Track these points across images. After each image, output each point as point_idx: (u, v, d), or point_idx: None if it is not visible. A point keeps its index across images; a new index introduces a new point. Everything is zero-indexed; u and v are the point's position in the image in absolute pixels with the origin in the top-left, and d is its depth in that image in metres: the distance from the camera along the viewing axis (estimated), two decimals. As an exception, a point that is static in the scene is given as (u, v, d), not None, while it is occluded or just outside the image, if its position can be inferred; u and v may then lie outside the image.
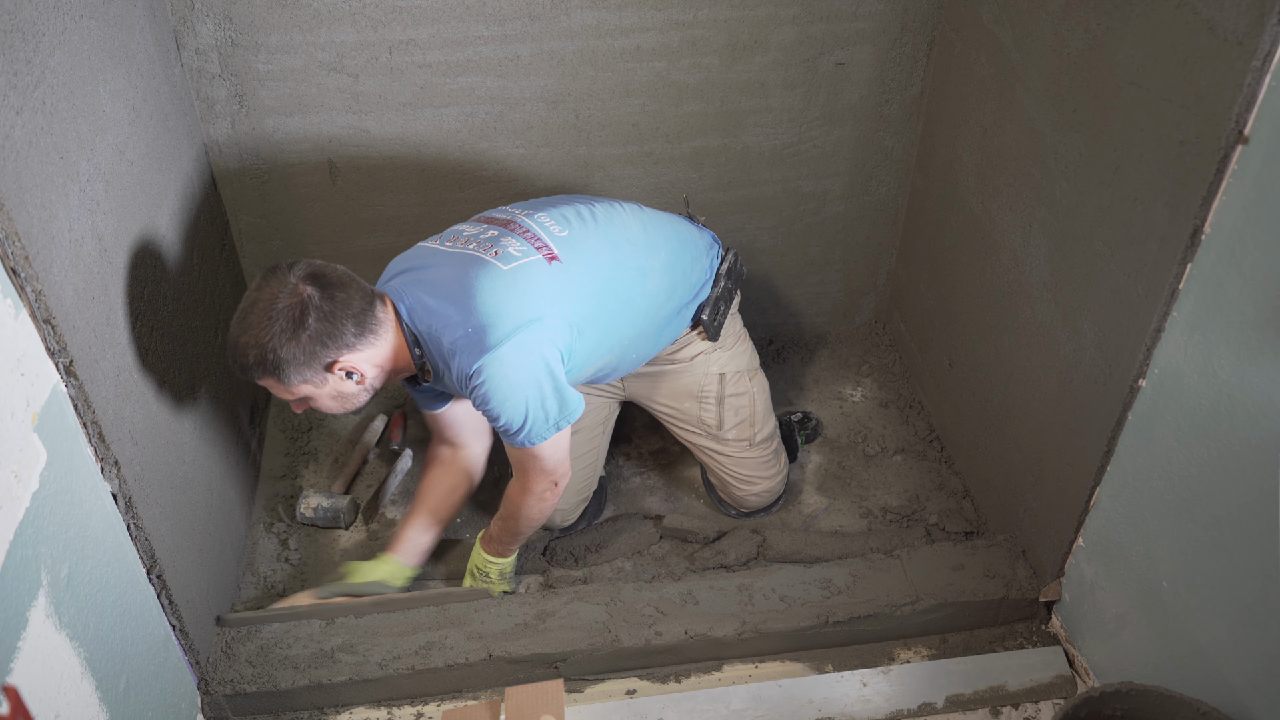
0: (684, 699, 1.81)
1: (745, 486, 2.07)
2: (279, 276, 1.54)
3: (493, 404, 1.62)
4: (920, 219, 2.32)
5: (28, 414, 1.22)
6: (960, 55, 2.01)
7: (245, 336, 1.53)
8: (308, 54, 1.96)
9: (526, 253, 1.68)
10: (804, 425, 2.31)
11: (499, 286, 1.63)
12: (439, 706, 1.82)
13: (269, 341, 1.51)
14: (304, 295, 1.53)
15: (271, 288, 1.53)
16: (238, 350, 1.54)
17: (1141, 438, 1.54)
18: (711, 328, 1.92)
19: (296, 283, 1.53)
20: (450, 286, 1.64)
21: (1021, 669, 1.85)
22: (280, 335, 1.51)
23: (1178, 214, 1.38)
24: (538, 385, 1.63)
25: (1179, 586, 1.52)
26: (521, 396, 1.62)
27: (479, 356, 1.58)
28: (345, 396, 1.64)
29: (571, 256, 1.71)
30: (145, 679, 1.52)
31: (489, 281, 1.63)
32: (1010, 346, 1.91)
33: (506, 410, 1.63)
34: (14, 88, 1.24)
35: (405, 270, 1.72)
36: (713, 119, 2.17)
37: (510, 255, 1.67)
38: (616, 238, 1.78)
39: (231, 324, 1.56)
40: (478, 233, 1.75)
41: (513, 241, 1.70)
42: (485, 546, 1.94)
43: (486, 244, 1.70)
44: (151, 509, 1.56)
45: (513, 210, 1.83)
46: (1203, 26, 1.29)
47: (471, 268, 1.65)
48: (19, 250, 1.22)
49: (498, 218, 1.80)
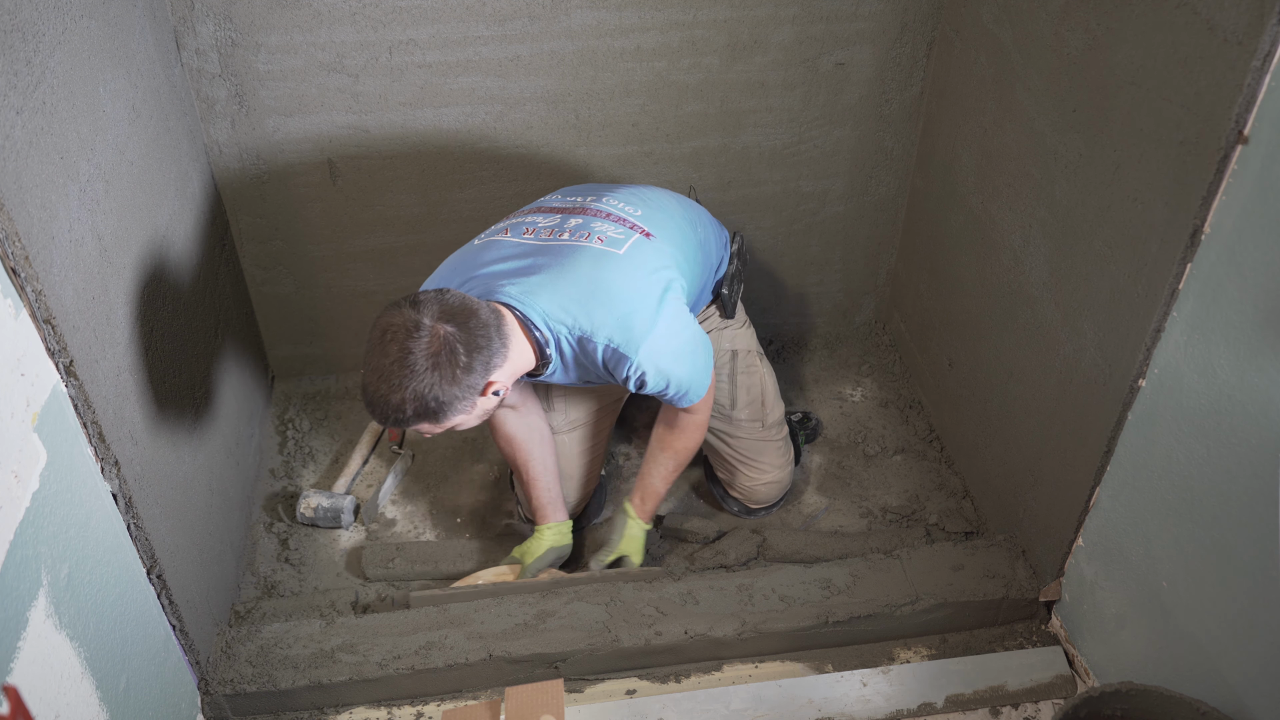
0: (684, 699, 1.81)
1: (755, 474, 2.07)
2: (406, 319, 1.46)
3: (662, 382, 1.68)
4: (920, 219, 2.32)
5: (28, 414, 1.22)
6: (960, 55, 2.01)
7: (399, 394, 1.45)
8: (308, 54, 1.96)
9: (627, 234, 1.71)
10: (804, 425, 2.31)
11: (626, 271, 1.66)
12: (439, 706, 1.82)
13: (428, 390, 1.46)
14: (444, 335, 1.46)
15: (403, 333, 1.45)
16: (391, 407, 1.47)
17: (1141, 438, 1.55)
18: (729, 303, 1.97)
19: (432, 324, 1.46)
20: (577, 283, 1.63)
21: (1021, 669, 1.85)
22: (440, 383, 1.46)
23: (1178, 214, 1.38)
24: (691, 350, 1.72)
25: (1179, 586, 1.52)
26: (686, 360, 1.70)
27: (638, 346, 1.62)
28: (487, 411, 1.63)
29: (659, 232, 1.76)
30: (145, 679, 1.53)
31: (615, 270, 1.65)
32: (1010, 346, 1.91)
33: (676, 378, 1.70)
34: (14, 88, 1.24)
35: (501, 270, 1.67)
36: (713, 119, 2.17)
37: (614, 239, 1.70)
38: (674, 213, 1.85)
39: (369, 379, 1.48)
40: (556, 223, 1.74)
41: (604, 225, 1.72)
42: (642, 511, 1.97)
43: (579, 232, 1.71)
44: (151, 509, 1.56)
45: (567, 198, 1.84)
46: (1203, 26, 1.29)
47: (589, 260, 1.65)
48: (19, 250, 1.22)
49: (559, 206, 1.81)
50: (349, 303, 2.36)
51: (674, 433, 1.90)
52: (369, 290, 2.34)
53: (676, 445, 1.91)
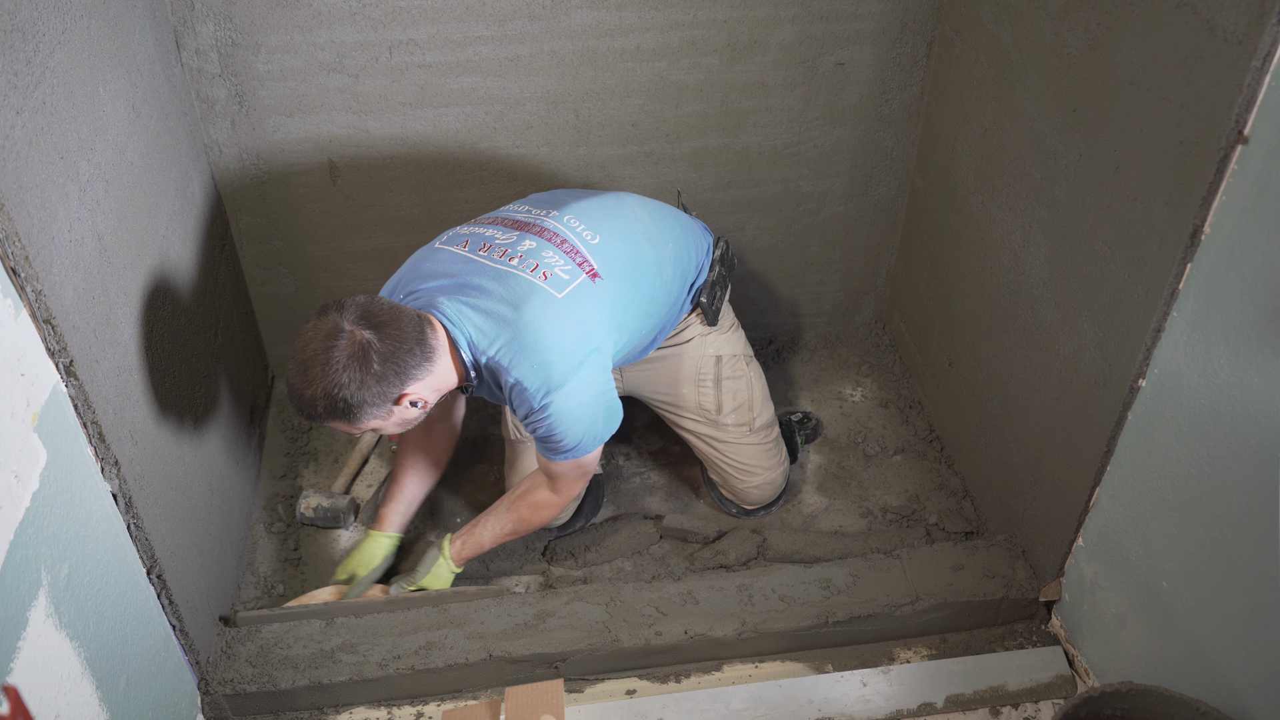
0: (684, 699, 1.81)
1: (746, 477, 2.07)
2: (329, 321, 1.53)
3: (554, 431, 1.69)
4: (920, 219, 2.32)
5: (28, 414, 1.22)
6: (960, 55, 2.01)
7: (311, 389, 1.52)
8: (308, 54, 1.96)
9: (573, 274, 1.70)
10: (804, 425, 2.31)
11: (559, 320, 1.66)
12: (439, 706, 1.82)
13: (338, 391, 1.51)
14: (361, 340, 1.52)
15: (325, 335, 1.52)
16: (305, 401, 1.54)
17: (1141, 438, 1.55)
18: (710, 311, 1.96)
19: (351, 328, 1.52)
20: (508, 319, 1.64)
21: (1021, 669, 1.85)
22: (348, 384, 1.51)
23: (1178, 214, 1.38)
24: (595, 410, 1.71)
25: (1179, 586, 1.52)
26: (583, 423, 1.70)
27: (544, 395, 1.64)
28: (408, 421, 1.67)
29: (609, 268, 1.75)
30: (145, 679, 1.53)
31: (549, 315, 1.65)
32: (1010, 346, 1.91)
33: (566, 435, 1.70)
34: (14, 88, 1.24)
35: (445, 285, 1.69)
36: (713, 119, 2.17)
37: (559, 279, 1.69)
38: (636, 234, 1.83)
39: (290, 374, 1.55)
40: (510, 241, 1.74)
41: (554, 256, 1.72)
42: (458, 557, 1.92)
43: (527, 258, 1.70)
44: (151, 509, 1.56)
45: (533, 210, 1.83)
46: (1203, 26, 1.29)
47: (527, 297, 1.65)
48: (19, 250, 1.22)
49: (520, 219, 1.80)
50: (349, 303, 2.36)
51: (529, 501, 1.86)
52: (369, 290, 2.33)
53: (525, 514, 1.88)
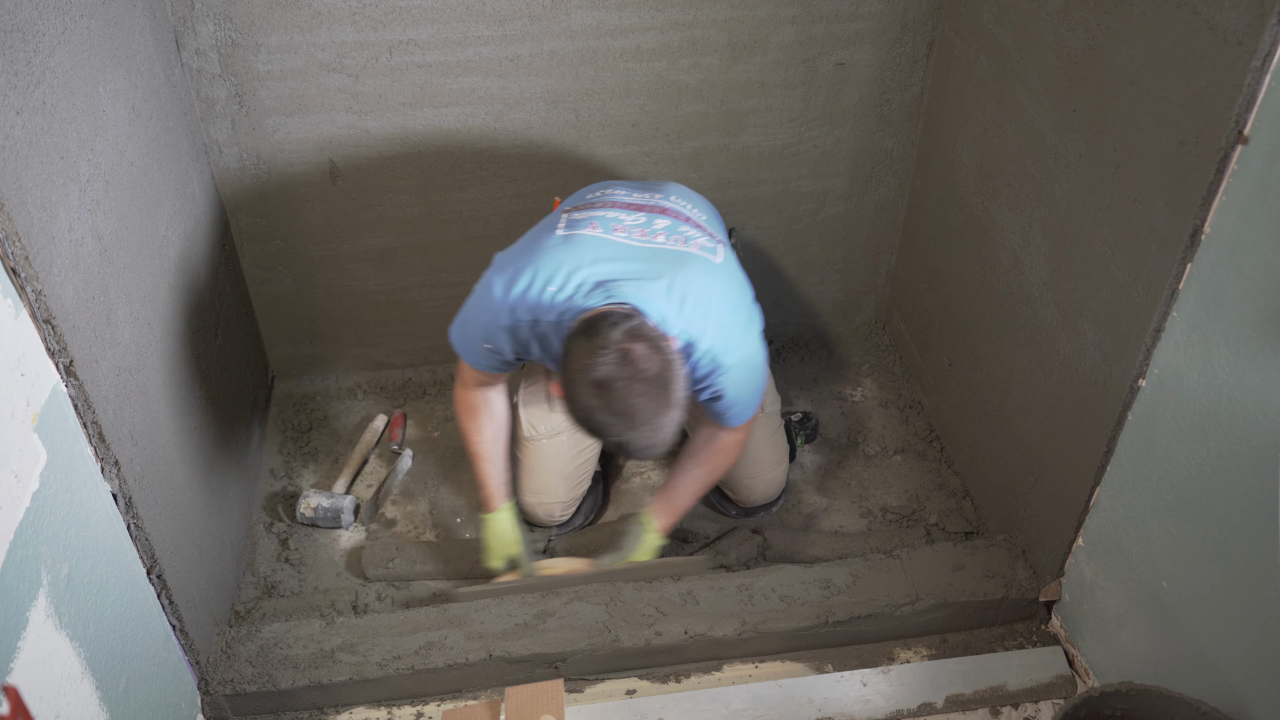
0: (684, 699, 1.81)
1: (753, 469, 2.06)
2: (606, 354, 1.47)
3: (734, 395, 1.72)
4: (920, 219, 2.32)
5: (28, 414, 1.22)
6: (960, 55, 2.01)
7: (646, 428, 1.49)
8: (308, 54, 1.96)
9: (712, 244, 1.76)
10: (804, 425, 2.31)
11: (726, 284, 1.72)
12: (439, 706, 1.82)
13: (677, 399, 1.51)
14: (639, 353, 1.48)
15: (612, 367, 1.47)
16: (654, 444, 1.51)
17: (1141, 438, 1.55)
18: None
19: (627, 347, 1.47)
20: (694, 292, 1.64)
21: (1021, 669, 1.85)
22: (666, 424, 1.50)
23: (1178, 214, 1.38)
24: (763, 370, 1.79)
25: (1179, 586, 1.52)
26: (759, 381, 1.77)
27: (731, 361, 1.67)
28: None
29: (720, 235, 1.83)
30: (145, 679, 1.53)
31: (720, 282, 1.70)
32: (1010, 346, 1.91)
33: (744, 396, 1.74)
34: (14, 88, 1.24)
35: (617, 273, 1.64)
36: (713, 119, 2.17)
37: (706, 248, 1.74)
38: (710, 211, 1.91)
39: (608, 424, 1.49)
40: (642, 221, 1.74)
41: (690, 230, 1.76)
42: (665, 528, 1.95)
43: (671, 234, 1.73)
44: (151, 509, 1.56)
45: (634, 194, 1.83)
46: (1203, 26, 1.29)
47: (692, 270, 1.67)
48: (19, 250, 1.22)
49: (636, 202, 1.80)
50: (349, 303, 2.36)
51: (712, 448, 1.87)
52: (369, 290, 2.34)
53: (713, 461, 1.88)
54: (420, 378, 2.49)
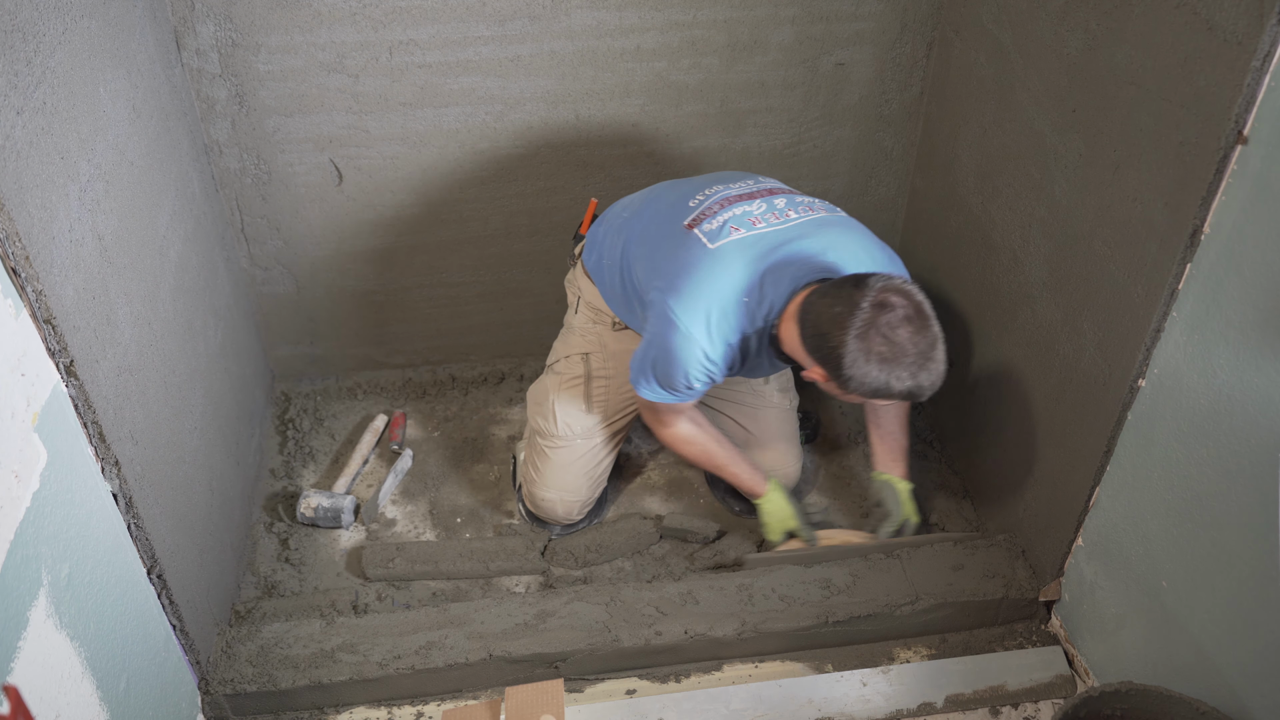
0: (684, 699, 1.81)
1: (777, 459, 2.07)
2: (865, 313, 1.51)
3: None
4: (920, 219, 2.32)
5: (28, 414, 1.22)
6: (960, 55, 2.01)
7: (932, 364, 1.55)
8: (308, 54, 1.96)
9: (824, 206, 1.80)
10: (804, 425, 2.31)
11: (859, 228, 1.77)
12: (439, 706, 1.82)
13: (941, 342, 1.57)
14: (893, 299, 1.52)
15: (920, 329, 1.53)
16: (938, 379, 1.58)
17: (1141, 438, 1.55)
18: None
19: (881, 298, 1.52)
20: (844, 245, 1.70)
21: (1021, 669, 1.85)
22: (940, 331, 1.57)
23: (1178, 214, 1.38)
24: None
25: (1179, 586, 1.52)
26: None
27: None
28: None
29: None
30: (145, 679, 1.53)
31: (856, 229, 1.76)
32: (1010, 346, 1.91)
33: None
34: (15, 88, 1.24)
35: (810, 250, 1.68)
36: (713, 119, 2.17)
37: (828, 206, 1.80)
38: None
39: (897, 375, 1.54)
40: (762, 210, 1.75)
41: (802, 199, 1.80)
42: (907, 474, 2.01)
43: (792, 209, 1.76)
44: (151, 509, 1.56)
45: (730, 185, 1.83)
46: (1203, 26, 1.29)
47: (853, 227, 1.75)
48: (19, 250, 1.22)
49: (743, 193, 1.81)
50: (349, 303, 2.36)
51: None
52: (369, 290, 2.34)
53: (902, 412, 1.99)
54: (420, 378, 2.49)
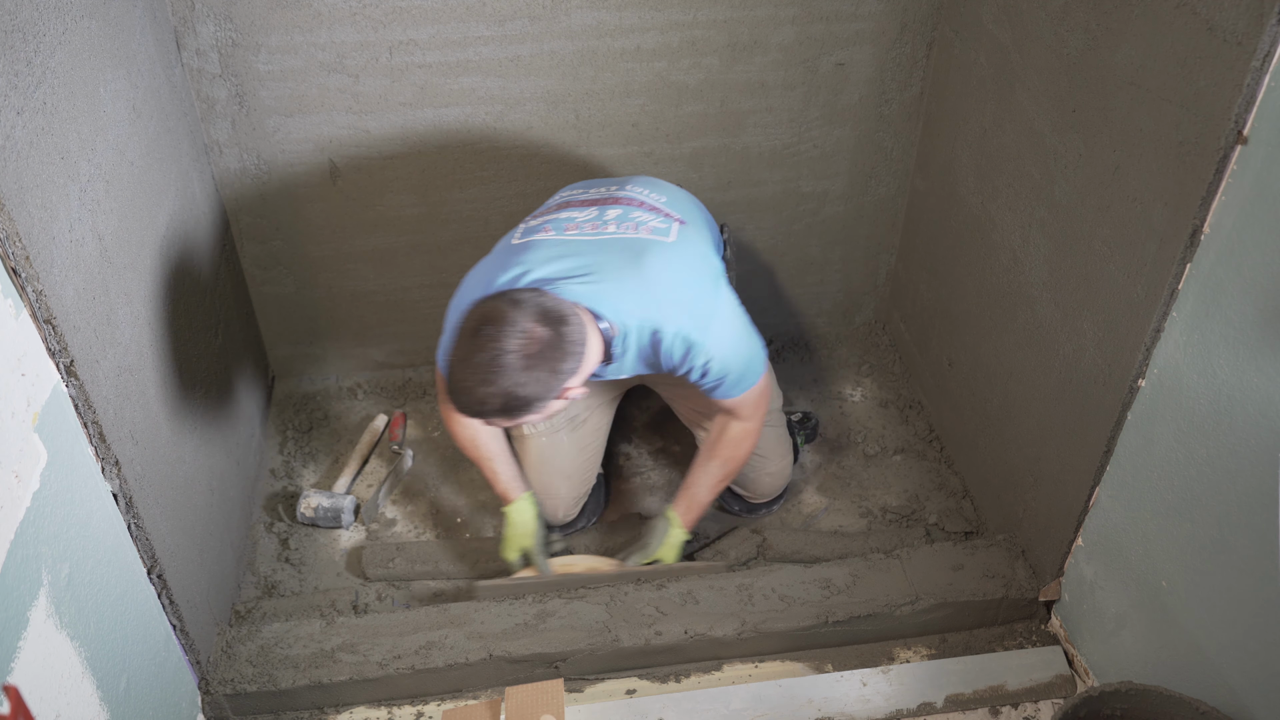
0: (684, 699, 1.81)
1: (760, 463, 2.05)
2: (503, 315, 1.50)
3: (726, 367, 1.71)
4: (920, 219, 2.32)
5: (28, 414, 1.22)
6: (960, 55, 2.01)
7: (490, 387, 1.49)
8: (308, 54, 1.96)
9: (667, 222, 1.75)
10: (804, 425, 2.31)
11: (681, 260, 1.69)
12: (439, 706, 1.82)
13: (519, 391, 1.50)
14: (540, 338, 1.50)
15: (499, 330, 1.49)
16: (478, 400, 1.51)
17: (1141, 438, 1.55)
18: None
19: (529, 325, 1.50)
20: (638, 279, 1.64)
21: (1021, 669, 1.85)
22: (530, 384, 1.50)
23: (1177, 214, 1.38)
24: (748, 331, 1.76)
25: (1179, 586, 1.52)
26: (746, 347, 1.74)
27: (702, 334, 1.65)
28: (556, 411, 1.64)
29: (689, 220, 1.81)
30: (145, 679, 1.53)
31: (671, 260, 1.68)
32: (1010, 346, 1.91)
33: (734, 365, 1.72)
34: (15, 88, 1.24)
35: (561, 272, 1.65)
36: (713, 119, 2.17)
37: (658, 228, 1.73)
38: (689, 203, 1.89)
39: (457, 369, 1.51)
40: (594, 216, 1.75)
41: (642, 214, 1.75)
42: (687, 522, 1.95)
43: (622, 222, 1.73)
44: (151, 509, 1.56)
45: (590, 190, 1.85)
46: (1202, 26, 1.29)
47: (643, 251, 1.67)
48: (19, 250, 1.22)
49: (591, 198, 1.81)
50: (349, 303, 2.36)
51: (724, 441, 1.87)
52: (369, 290, 2.34)
53: (726, 454, 1.88)
54: (420, 378, 2.49)
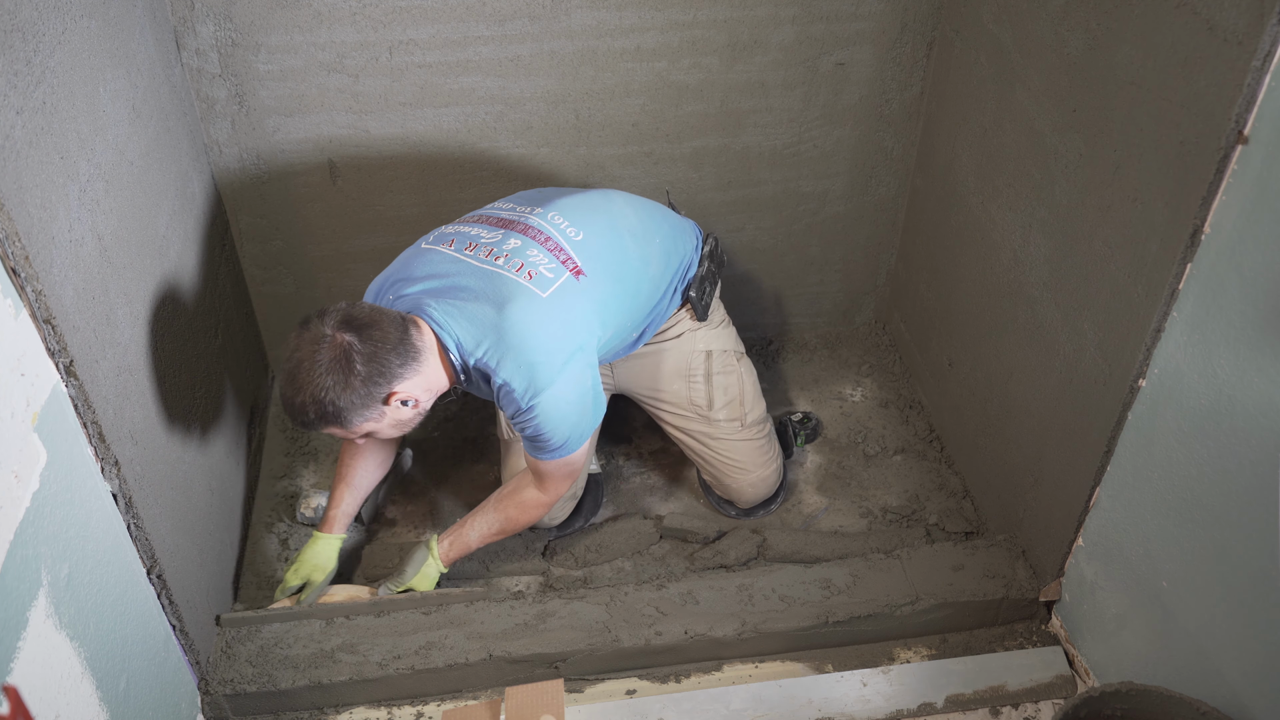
0: (684, 699, 1.81)
1: (739, 475, 2.05)
2: (312, 330, 1.56)
3: (541, 431, 1.71)
4: (920, 219, 2.32)
5: (28, 414, 1.22)
6: (960, 55, 2.01)
7: (300, 396, 1.55)
8: (308, 54, 1.96)
9: (557, 271, 1.71)
10: (804, 425, 2.31)
11: (543, 320, 1.67)
12: (439, 706, 1.82)
13: (324, 395, 1.54)
14: (342, 343, 1.54)
15: (309, 343, 1.55)
16: (296, 409, 1.57)
17: (1141, 438, 1.55)
18: (699, 306, 1.97)
19: (332, 333, 1.55)
20: (494, 321, 1.65)
21: (1021, 669, 1.85)
22: (334, 387, 1.54)
23: (1178, 214, 1.38)
24: (581, 409, 1.73)
25: (1179, 586, 1.52)
26: (568, 422, 1.72)
27: (531, 396, 1.66)
28: (403, 423, 1.69)
29: (592, 264, 1.75)
30: (145, 679, 1.53)
31: (533, 316, 1.66)
32: (1010, 346, 1.91)
33: (553, 434, 1.71)
34: (14, 88, 1.24)
35: (432, 287, 1.70)
36: (713, 119, 2.17)
37: (543, 276, 1.70)
38: (620, 230, 1.84)
39: (281, 384, 1.59)
40: (495, 240, 1.75)
41: (538, 254, 1.72)
42: (445, 557, 1.92)
43: (513, 258, 1.71)
44: (151, 509, 1.56)
45: (517, 208, 1.84)
46: (1203, 26, 1.29)
47: (511, 298, 1.66)
48: (19, 250, 1.22)
49: (505, 217, 1.81)
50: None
51: (516, 501, 1.87)
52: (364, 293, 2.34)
53: (512, 513, 1.89)
54: (420, 378, 2.49)
